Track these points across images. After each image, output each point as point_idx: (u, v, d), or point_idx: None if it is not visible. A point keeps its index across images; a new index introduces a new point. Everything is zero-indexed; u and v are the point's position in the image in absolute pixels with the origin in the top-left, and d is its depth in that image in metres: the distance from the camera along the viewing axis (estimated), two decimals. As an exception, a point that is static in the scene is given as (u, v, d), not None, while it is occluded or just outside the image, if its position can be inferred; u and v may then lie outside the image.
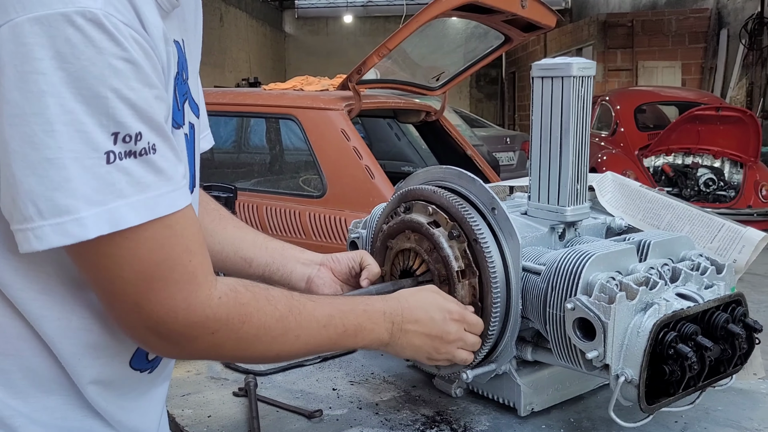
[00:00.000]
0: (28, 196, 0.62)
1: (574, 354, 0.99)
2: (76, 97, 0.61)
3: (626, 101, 7.73)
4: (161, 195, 0.68)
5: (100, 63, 0.62)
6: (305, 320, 0.85)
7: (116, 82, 0.63)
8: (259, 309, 0.79)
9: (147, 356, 0.82)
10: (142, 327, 0.72)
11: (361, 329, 0.92)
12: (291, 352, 0.85)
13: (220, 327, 0.75)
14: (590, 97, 1.12)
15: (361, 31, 20.36)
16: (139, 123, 0.65)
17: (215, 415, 1.15)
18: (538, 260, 1.09)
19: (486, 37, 3.74)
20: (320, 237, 3.28)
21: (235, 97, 3.95)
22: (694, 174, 6.72)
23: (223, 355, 0.78)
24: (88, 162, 0.63)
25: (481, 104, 19.88)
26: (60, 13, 0.61)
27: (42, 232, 0.63)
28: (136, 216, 0.65)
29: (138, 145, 0.65)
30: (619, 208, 1.23)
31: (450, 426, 1.10)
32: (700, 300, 0.98)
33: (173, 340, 0.74)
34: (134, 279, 0.69)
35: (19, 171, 0.62)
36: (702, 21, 11.35)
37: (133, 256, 0.68)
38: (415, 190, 1.15)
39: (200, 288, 0.73)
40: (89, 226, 0.63)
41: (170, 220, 0.69)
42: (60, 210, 0.63)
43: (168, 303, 0.71)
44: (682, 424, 1.10)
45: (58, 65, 0.61)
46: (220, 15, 15.57)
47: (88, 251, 0.66)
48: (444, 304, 1.01)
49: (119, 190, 0.64)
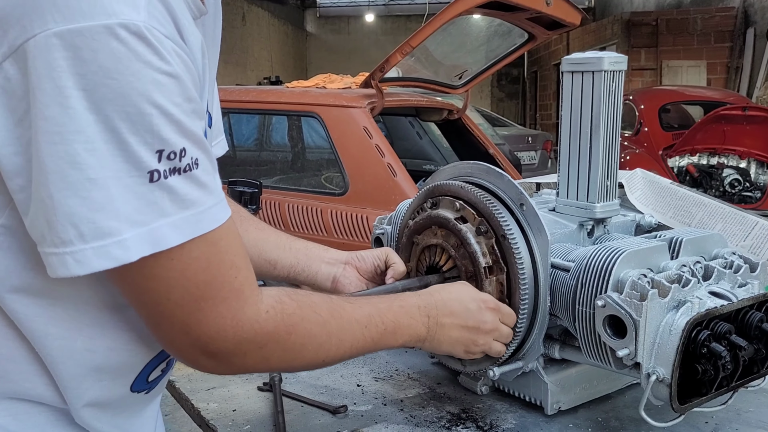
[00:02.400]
0: (68, 218, 0.59)
1: (603, 352, 0.98)
2: (119, 114, 0.59)
3: (650, 100, 7.64)
4: (204, 211, 0.65)
5: (145, 78, 0.59)
6: (347, 323, 0.84)
7: (160, 98, 0.60)
8: (303, 318, 0.78)
9: (147, 378, 0.81)
10: (191, 348, 0.71)
11: (399, 326, 0.91)
12: (336, 356, 0.84)
13: (268, 341, 0.74)
14: (621, 92, 1.11)
15: (382, 30, 20.35)
16: (183, 138, 0.63)
17: (240, 409, 1.15)
18: (567, 257, 1.08)
19: (509, 35, 3.72)
20: (342, 235, 3.28)
21: (257, 95, 3.97)
22: (719, 174, 6.61)
23: (270, 368, 0.78)
24: (130, 181, 0.60)
25: (502, 103, 19.78)
26: (103, 25, 0.58)
27: (83, 256, 0.60)
28: (179, 235, 0.63)
29: (183, 162, 0.63)
30: (648, 206, 1.21)
31: (476, 423, 1.09)
32: (733, 298, 0.96)
33: (223, 359, 0.72)
34: (182, 301, 0.67)
35: (57, 192, 0.59)
36: (728, 20, 11.18)
37: (179, 278, 0.65)
38: (442, 185, 1.14)
39: (247, 304, 0.71)
40: (131, 248, 0.61)
41: (214, 237, 0.67)
42: (103, 232, 0.60)
43: (217, 322, 0.69)
44: (712, 425, 1.08)
45: (101, 80, 0.58)
46: (242, 14, 15.65)
47: (133, 274, 0.64)
48: (477, 294, 1.01)
49: (161, 209, 0.62)
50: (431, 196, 1.16)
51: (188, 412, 1.21)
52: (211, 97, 0.88)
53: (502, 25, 3.59)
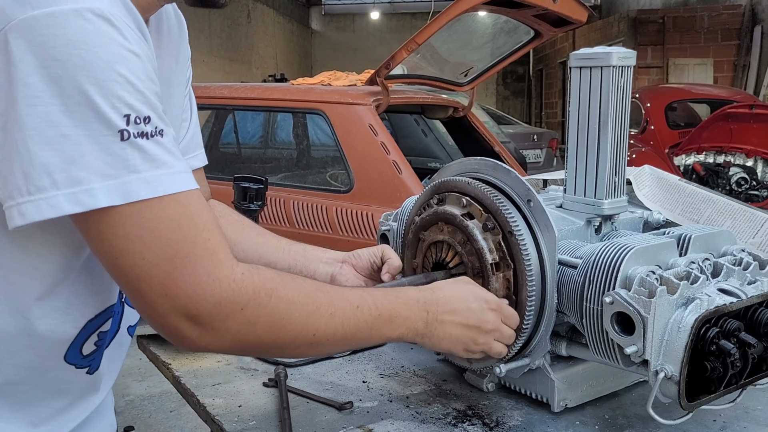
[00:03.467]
0: (44, 168, 0.66)
1: (611, 349, 0.97)
2: (89, 80, 0.66)
3: (657, 98, 7.61)
4: (174, 173, 0.71)
5: (110, 50, 0.67)
6: (336, 298, 0.85)
7: (123, 69, 0.68)
8: (284, 283, 0.80)
9: (81, 349, 0.84)
10: (172, 313, 0.72)
11: (395, 315, 0.91)
12: (327, 332, 0.83)
13: (248, 301, 0.75)
14: (630, 88, 1.10)
15: (387, 27, 20.33)
16: (147, 108, 0.69)
17: (246, 405, 1.15)
18: (575, 253, 1.07)
19: (515, 33, 3.70)
20: (347, 232, 3.28)
21: (263, 92, 3.96)
22: (725, 173, 6.58)
23: (260, 338, 0.77)
24: (102, 139, 0.67)
25: (507, 101, 19.75)
26: (71, 8, 0.66)
27: (56, 201, 0.66)
28: (149, 190, 0.68)
29: (148, 128, 0.69)
30: (657, 202, 1.20)
31: (482, 420, 1.09)
32: (742, 296, 0.96)
33: (206, 323, 0.73)
34: (156, 260, 0.70)
35: (35, 146, 0.66)
36: (735, 17, 11.13)
37: (151, 236, 0.69)
38: (449, 181, 1.14)
39: (222, 264, 0.74)
40: (99, 197, 0.67)
41: (185, 199, 0.72)
42: (74, 181, 0.66)
43: (193, 280, 0.71)
44: (720, 423, 1.07)
45: (71, 51, 0.66)
46: (247, 11, 15.65)
47: (107, 233, 0.69)
48: (481, 293, 1.00)
49: (133, 166, 0.68)
50: (438, 193, 1.15)
51: (194, 407, 1.21)
52: (187, 112, 0.95)
53: (508, 22, 3.57)
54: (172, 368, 1.31)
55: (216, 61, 13.67)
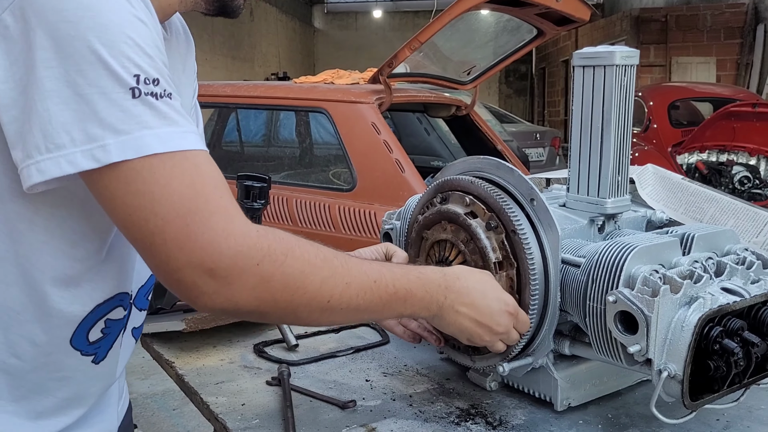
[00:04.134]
0: (63, 127, 0.68)
1: (614, 348, 0.97)
2: (100, 40, 0.68)
3: (659, 97, 7.59)
4: (185, 132, 0.72)
5: (119, 14, 0.70)
6: (354, 269, 0.84)
7: (133, 33, 0.70)
8: (300, 245, 0.79)
9: (88, 335, 0.85)
10: (188, 267, 0.71)
11: (411, 295, 0.91)
12: (343, 300, 0.82)
13: (263, 257, 0.74)
14: (633, 87, 1.10)
15: (390, 25, 20.33)
16: (155, 71, 0.71)
17: (249, 403, 1.15)
18: (578, 252, 1.07)
19: (518, 31, 3.70)
20: (350, 230, 3.28)
21: (265, 90, 3.96)
22: (728, 172, 6.57)
23: (275, 297, 0.76)
24: (114, 96, 0.68)
25: (510, 100, 19.73)
26: None
27: (74, 158, 0.68)
28: (161, 145, 0.69)
29: (158, 89, 0.70)
30: (660, 201, 1.20)
31: (485, 419, 1.09)
32: (746, 295, 0.96)
33: (222, 277, 0.72)
34: (169, 216, 0.70)
35: (54, 106, 0.68)
36: (738, 16, 11.11)
37: (163, 192, 0.70)
38: (452, 180, 1.14)
39: (236, 219, 0.73)
40: (113, 152, 0.68)
41: (196, 158, 0.72)
42: (89, 138, 0.68)
43: (209, 234, 0.71)
44: (724, 422, 1.07)
45: (83, 14, 0.68)
46: (250, 10, 15.64)
47: (120, 189, 0.70)
48: (502, 295, 1.00)
49: (145, 122, 0.69)
50: (441, 191, 1.15)
51: (197, 406, 1.21)
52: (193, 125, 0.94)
53: (511, 21, 3.57)
54: (175, 366, 1.31)
55: (219, 59, 13.68)
